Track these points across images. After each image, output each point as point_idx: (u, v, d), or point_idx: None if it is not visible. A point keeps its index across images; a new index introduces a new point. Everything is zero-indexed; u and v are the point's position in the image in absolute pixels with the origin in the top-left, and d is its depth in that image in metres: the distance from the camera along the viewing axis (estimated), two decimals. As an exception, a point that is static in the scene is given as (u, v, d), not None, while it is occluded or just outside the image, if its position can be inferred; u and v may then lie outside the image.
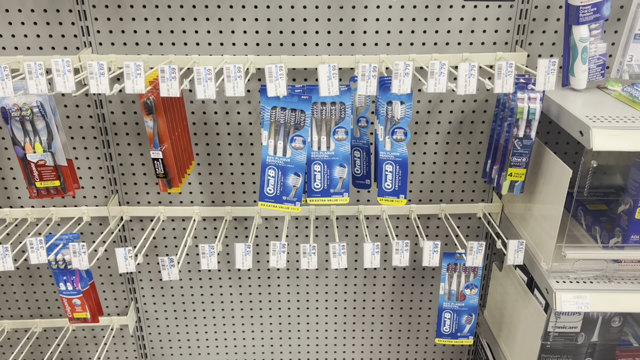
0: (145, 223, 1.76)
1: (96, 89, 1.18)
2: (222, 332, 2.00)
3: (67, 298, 1.56)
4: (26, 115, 1.29)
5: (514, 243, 1.41)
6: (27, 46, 1.52)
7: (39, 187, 1.37)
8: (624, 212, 1.38)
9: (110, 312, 1.93)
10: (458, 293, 1.57)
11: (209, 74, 1.17)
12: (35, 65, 1.16)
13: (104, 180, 1.70)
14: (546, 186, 1.39)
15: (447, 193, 1.75)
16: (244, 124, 1.63)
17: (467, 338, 1.63)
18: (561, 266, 1.38)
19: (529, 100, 1.29)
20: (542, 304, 1.46)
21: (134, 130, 1.63)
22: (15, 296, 1.89)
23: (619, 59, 1.41)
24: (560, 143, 1.67)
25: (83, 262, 1.39)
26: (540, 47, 1.55)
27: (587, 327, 1.47)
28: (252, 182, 1.72)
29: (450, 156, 1.69)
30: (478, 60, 1.45)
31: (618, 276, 1.39)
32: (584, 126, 1.18)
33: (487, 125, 1.65)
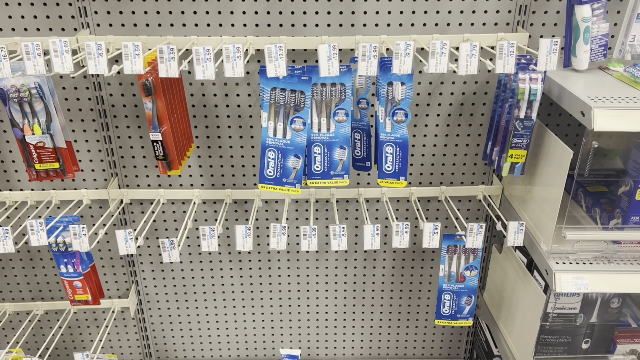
0: (145, 206, 1.76)
1: (94, 70, 1.17)
2: (222, 314, 2.02)
3: (68, 280, 1.57)
4: (24, 97, 1.28)
5: (514, 224, 1.41)
6: (25, 27, 1.50)
7: (38, 169, 1.36)
8: (624, 194, 1.38)
9: (111, 295, 1.94)
10: (458, 275, 1.58)
11: (207, 55, 1.16)
12: (33, 45, 1.15)
13: (103, 163, 1.69)
14: (547, 168, 1.38)
15: (447, 175, 1.74)
16: (243, 106, 1.62)
17: (467, 319, 1.64)
18: (561, 247, 1.38)
19: (531, 81, 1.28)
20: (542, 286, 1.46)
21: (133, 112, 1.62)
22: (17, 279, 1.90)
23: (621, 40, 1.40)
24: (561, 125, 1.66)
25: (83, 245, 1.39)
26: (541, 28, 1.53)
27: (586, 308, 1.47)
28: (252, 164, 1.71)
29: (450, 138, 1.69)
30: (479, 40, 1.44)
31: (617, 257, 1.39)
32: (585, 106, 1.17)
33: (487, 107, 1.64)
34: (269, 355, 2.13)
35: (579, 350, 1.53)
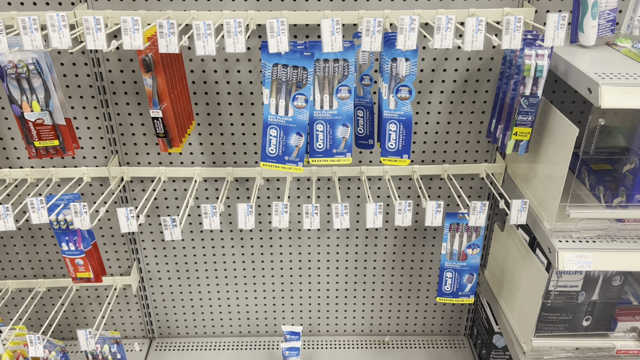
0: (146, 184, 1.75)
1: (93, 45, 1.14)
2: (224, 292, 2.02)
3: (70, 258, 1.56)
4: (22, 73, 1.26)
5: (517, 203, 1.41)
6: (21, 2, 1.47)
7: (37, 146, 1.35)
8: (629, 172, 1.36)
9: (113, 272, 1.94)
10: (460, 253, 1.58)
11: (208, 29, 1.14)
12: (30, 20, 1.13)
13: (103, 140, 1.68)
14: (551, 145, 1.37)
15: (450, 153, 1.73)
16: (244, 82, 1.60)
17: (468, 297, 1.64)
18: (564, 226, 1.38)
19: (537, 57, 1.26)
20: (544, 264, 1.46)
21: (132, 89, 1.60)
22: (18, 256, 1.90)
23: (629, 15, 1.37)
24: (565, 102, 1.64)
25: (85, 222, 1.39)
26: (548, 3, 1.50)
27: (587, 286, 1.47)
28: (254, 142, 1.70)
29: (453, 115, 1.67)
30: (485, 15, 1.41)
31: (621, 235, 1.39)
32: (592, 83, 1.15)
33: (492, 84, 1.62)
34: (271, 331, 2.14)
35: (579, 328, 1.54)
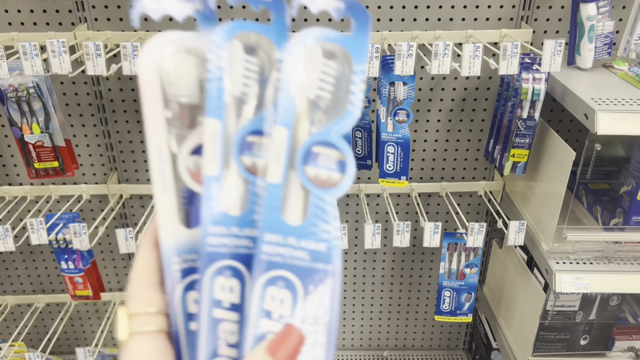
0: (146, 200, 1.76)
1: (93, 71, 1.15)
2: (223, 307, 2.03)
3: (69, 276, 1.57)
4: (22, 96, 1.27)
5: (514, 224, 1.41)
6: (21, 22, 1.48)
7: (37, 167, 1.36)
8: (626, 194, 1.37)
9: (112, 287, 1.95)
10: (458, 272, 1.58)
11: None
12: (30, 46, 1.14)
13: (102, 157, 1.69)
14: (549, 166, 1.38)
15: (449, 171, 1.74)
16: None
17: (467, 315, 1.65)
18: (561, 247, 1.38)
19: (534, 80, 1.27)
20: (542, 283, 1.47)
21: (132, 107, 1.61)
22: (17, 272, 1.91)
23: (626, 37, 1.38)
24: (563, 120, 1.65)
25: (84, 243, 1.39)
26: (546, 23, 1.51)
27: (585, 306, 1.48)
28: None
29: (452, 134, 1.68)
30: (482, 37, 1.42)
31: (618, 257, 1.39)
32: (588, 109, 1.16)
33: (490, 103, 1.63)
34: (270, 346, 2.14)
35: (577, 347, 1.54)
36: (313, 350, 0.37)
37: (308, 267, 0.37)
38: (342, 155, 0.37)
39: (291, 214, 0.38)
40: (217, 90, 0.37)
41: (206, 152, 0.37)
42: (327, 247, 0.37)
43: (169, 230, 0.38)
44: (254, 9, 0.39)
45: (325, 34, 0.37)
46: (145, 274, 0.38)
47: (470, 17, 1.51)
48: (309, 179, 0.37)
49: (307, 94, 0.37)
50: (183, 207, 0.39)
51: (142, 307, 0.37)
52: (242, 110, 0.38)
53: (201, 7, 0.39)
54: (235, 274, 0.38)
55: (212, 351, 0.37)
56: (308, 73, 0.37)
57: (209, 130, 0.37)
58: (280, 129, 0.36)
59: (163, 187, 0.38)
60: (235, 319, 0.38)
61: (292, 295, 0.37)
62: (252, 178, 0.38)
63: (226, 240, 0.37)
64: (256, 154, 0.38)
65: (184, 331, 0.38)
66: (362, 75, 0.37)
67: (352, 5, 0.37)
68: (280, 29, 0.38)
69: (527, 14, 1.49)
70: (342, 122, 0.37)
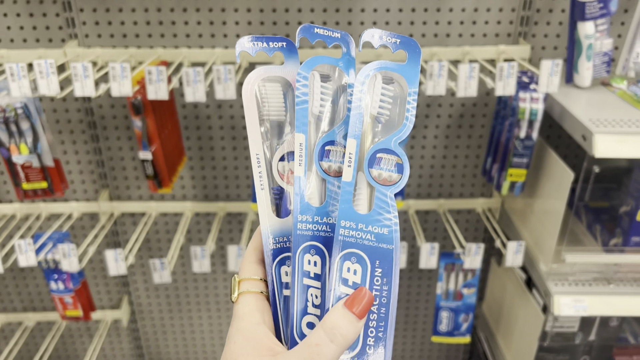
0: (137, 218, 1.73)
1: (81, 92, 1.13)
2: (217, 325, 2.00)
3: (59, 297, 1.54)
4: (10, 117, 1.24)
5: (513, 245, 1.39)
6: (11, 38, 1.46)
7: (25, 188, 1.33)
8: (626, 214, 1.35)
9: (103, 305, 1.92)
10: (455, 292, 1.56)
11: (198, 77, 1.13)
12: (18, 67, 1.11)
13: (93, 174, 1.66)
14: (548, 185, 1.35)
15: (446, 187, 1.71)
16: (236, 117, 1.58)
17: (464, 336, 1.62)
18: (560, 268, 1.36)
19: (531, 100, 1.25)
20: (540, 304, 1.44)
21: (122, 123, 1.58)
22: (7, 290, 1.87)
23: (624, 56, 1.35)
24: (562, 137, 1.62)
25: (73, 265, 1.37)
26: (544, 39, 1.49)
27: (585, 327, 1.45)
28: (246, 176, 1.68)
29: (449, 150, 1.65)
30: (479, 54, 1.40)
31: (617, 278, 1.37)
32: (586, 131, 1.14)
33: (488, 119, 1.60)
34: (265, 363, 2.11)
35: (576, 368, 1.51)
36: (379, 311, 0.48)
37: (374, 247, 0.48)
38: (399, 159, 0.48)
39: (360, 205, 0.49)
40: (303, 111, 0.48)
41: (295, 158, 0.49)
42: (389, 231, 0.48)
43: (265, 218, 0.50)
44: (328, 45, 0.49)
45: (385, 65, 0.48)
46: (253, 252, 0.51)
47: (467, 33, 1.48)
48: (373, 178, 0.48)
49: (371, 111, 0.49)
50: (275, 202, 0.51)
51: (249, 275, 0.50)
52: (319, 125, 0.50)
53: (286, 46, 0.49)
54: (317, 252, 0.49)
55: (302, 309, 0.49)
56: (371, 96, 0.48)
57: (297, 142, 0.48)
58: (351, 140, 0.47)
59: (261, 186, 0.50)
60: (318, 286, 0.49)
61: (362, 267, 0.48)
62: (328, 178, 0.49)
63: (310, 226, 0.49)
64: (331, 159, 0.49)
65: (280, 296, 0.50)
66: (415, 96, 0.47)
67: (406, 40, 0.47)
68: (348, 60, 0.49)
69: (524, 30, 1.47)
70: (399, 133, 0.48)
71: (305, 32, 0.49)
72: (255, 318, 0.47)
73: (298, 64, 0.50)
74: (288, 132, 0.51)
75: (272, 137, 0.51)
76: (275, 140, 0.51)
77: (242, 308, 0.48)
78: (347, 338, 0.45)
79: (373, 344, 0.48)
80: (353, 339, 0.45)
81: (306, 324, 0.49)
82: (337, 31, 0.48)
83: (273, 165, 0.51)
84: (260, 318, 0.47)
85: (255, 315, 0.47)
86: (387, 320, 0.48)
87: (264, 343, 0.45)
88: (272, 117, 0.51)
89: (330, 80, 0.50)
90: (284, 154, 0.51)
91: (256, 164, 0.50)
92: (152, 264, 1.38)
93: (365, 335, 0.47)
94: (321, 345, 0.44)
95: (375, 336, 0.48)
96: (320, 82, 0.49)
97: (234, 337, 0.46)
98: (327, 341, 0.44)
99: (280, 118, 0.51)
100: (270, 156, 0.51)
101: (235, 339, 0.46)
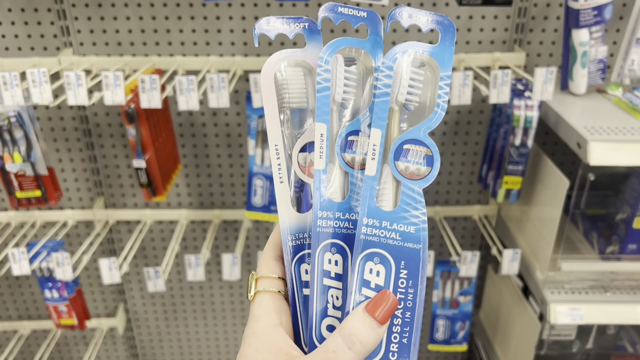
0: (132, 225, 1.72)
1: (74, 101, 1.13)
2: (213, 332, 1.99)
3: (53, 305, 1.53)
4: (3, 126, 1.24)
5: (509, 253, 1.38)
6: (5, 47, 1.46)
7: (19, 197, 1.32)
8: (622, 221, 1.34)
9: (99, 313, 1.91)
10: (452, 300, 1.55)
11: (191, 85, 1.12)
12: (11, 76, 1.11)
13: (88, 182, 1.65)
14: (543, 193, 1.35)
15: (442, 195, 1.71)
16: (232, 124, 1.58)
17: (461, 344, 1.61)
18: (556, 276, 1.35)
19: (526, 108, 1.24)
20: (537, 312, 1.43)
21: (118, 131, 1.58)
22: (2, 298, 1.87)
23: (619, 63, 1.35)
24: (558, 144, 1.62)
25: (67, 273, 1.36)
26: (539, 46, 1.49)
27: (582, 335, 1.45)
28: (242, 183, 1.67)
29: (445, 157, 1.65)
30: (474, 61, 1.40)
31: (614, 286, 1.36)
32: (581, 139, 1.13)
33: (483, 126, 1.60)
34: (261, 371, 2.10)
35: (574, 377, 1.51)
36: (403, 316, 0.44)
37: (400, 246, 0.44)
38: (429, 150, 0.44)
39: (385, 202, 0.45)
40: (324, 98, 0.44)
41: (316, 150, 0.45)
42: (416, 229, 0.44)
43: (284, 214, 0.47)
44: (352, 26, 0.45)
45: (416, 46, 0.44)
46: (272, 249, 0.48)
47: (462, 40, 1.48)
48: (399, 172, 0.45)
49: (399, 98, 0.44)
50: (295, 196, 0.48)
51: (267, 273, 0.47)
52: (343, 113, 0.46)
53: (309, 26, 0.45)
54: (339, 250, 0.46)
55: (322, 311, 0.45)
56: (399, 80, 0.44)
57: (318, 132, 0.45)
58: (375, 131, 0.43)
59: (280, 179, 0.47)
60: (339, 287, 0.46)
61: (386, 269, 0.44)
62: (351, 171, 0.46)
63: (331, 222, 0.46)
64: (354, 150, 0.45)
65: (300, 295, 0.47)
66: (448, 80, 0.43)
67: (440, 19, 0.43)
68: (375, 41, 0.45)
69: (520, 37, 1.47)
70: (430, 122, 0.44)
71: (329, 11, 0.44)
72: (272, 319, 0.45)
73: (321, 46, 0.45)
74: (310, 121, 0.47)
75: (292, 126, 0.47)
76: (296, 130, 0.47)
77: (258, 308, 0.45)
78: (367, 345, 0.42)
79: (397, 351, 0.44)
80: (373, 346, 0.42)
81: (326, 327, 0.45)
82: (363, 9, 0.44)
83: (293, 156, 0.47)
84: (277, 319, 0.45)
85: (272, 317, 0.45)
86: (413, 325, 0.44)
87: (279, 347, 0.43)
88: (293, 105, 0.46)
89: (355, 64, 0.45)
90: (305, 144, 0.47)
91: (275, 156, 0.46)
92: (147, 272, 1.37)
93: (388, 342, 0.44)
94: (338, 352, 0.41)
95: (400, 342, 0.44)
96: (344, 67, 0.45)
97: (249, 339, 0.44)
98: (345, 348, 0.41)
99: (302, 105, 0.47)
100: (291, 147, 0.47)
101: (250, 341, 0.44)
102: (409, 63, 0.44)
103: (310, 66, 0.46)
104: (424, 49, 0.43)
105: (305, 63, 0.46)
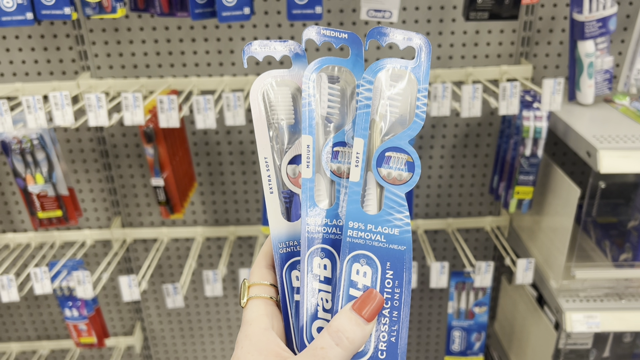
0: (149, 244, 1.75)
1: (95, 122, 1.16)
2: (229, 349, 2.00)
3: (73, 324, 1.56)
4: (26, 148, 1.28)
5: (522, 262, 1.39)
6: (26, 72, 1.50)
7: (41, 217, 1.36)
8: (634, 229, 1.35)
9: (116, 332, 1.93)
10: (467, 311, 1.56)
11: (208, 104, 1.16)
12: (34, 99, 1.15)
13: (106, 202, 1.69)
14: (555, 202, 1.37)
15: (454, 207, 1.73)
16: (245, 142, 1.61)
17: (477, 355, 1.61)
18: (571, 284, 1.36)
19: (535, 119, 1.27)
20: (552, 321, 1.44)
21: (134, 152, 1.62)
22: (22, 318, 1.89)
23: (626, 73, 1.38)
24: (567, 154, 1.64)
25: (87, 292, 1.38)
26: (545, 59, 1.52)
27: (598, 344, 1.45)
28: (256, 200, 1.70)
29: (456, 170, 1.67)
30: (482, 74, 1.43)
31: (629, 293, 1.37)
32: (591, 147, 1.15)
33: (493, 138, 1.62)
34: (278, 387, 2.10)
35: (592, 386, 1.50)
36: (390, 315, 0.46)
37: (385, 248, 0.47)
38: (410, 157, 0.47)
39: (369, 206, 0.48)
40: (309, 112, 0.48)
41: (303, 160, 0.48)
42: (400, 231, 0.47)
43: (275, 223, 0.49)
44: (335, 47, 0.49)
45: (393, 62, 0.47)
46: (264, 258, 0.51)
47: (469, 54, 1.51)
48: (382, 178, 0.47)
49: (380, 110, 0.48)
50: (285, 206, 0.50)
51: (259, 280, 0.49)
52: (328, 127, 0.49)
53: (294, 49, 0.49)
54: (327, 255, 0.48)
55: (312, 314, 0.47)
56: (379, 94, 0.48)
57: (304, 144, 0.48)
58: (358, 140, 0.47)
59: (270, 189, 0.49)
60: (329, 290, 0.48)
61: (372, 270, 0.47)
62: (337, 179, 0.49)
63: (319, 228, 0.48)
64: (341, 160, 0.49)
65: (291, 301, 0.49)
66: (425, 93, 0.46)
67: (413, 36, 0.47)
68: (356, 60, 0.48)
69: (526, 50, 1.50)
70: (410, 130, 0.47)
71: (313, 34, 0.48)
72: (263, 323, 0.47)
73: (306, 66, 0.49)
74: (298, 136, 0.50)
75: (281, 141, 0.50)
76: (284, 145, 0.50)
77: (251, 313, 0.47)
78: (354, 342, 0.44)
79: (385, 349, 0.46)
80: (361, 342, 0.44)
81: (316, 329, 0.47)
82: (344, 32, 0.47)
83: (282, 168, 0.50)
84: (268, 323, 0.47)
85: (264, 321, 0.47)
86: (400, 324, 0.46)
87: (270, 348, 0.45)
88: (281, 122, 0.50)
89: (338, 82, 0.49)
90: (294, 157, 0.50)
91: (265, 168, 0.49)
92: (165, 289, 1.39)
93: (376, 340, 0.46)
94: (326, 349, 0.43)
95: (388, 341, 0.46)
96: (328, 84, 0.48)
97: (241, 343, 0.46)
98: (333, 345, 0.43)
99: (290, 122, 0.50)
100: (280, 160, 0.50)
101: (242, 344, 0.45)
102: (387, 78, 0.47)
103: (297, 85, 0.49)
104: (401, 65, 0.47)
105: (292, 82, 0.49)
